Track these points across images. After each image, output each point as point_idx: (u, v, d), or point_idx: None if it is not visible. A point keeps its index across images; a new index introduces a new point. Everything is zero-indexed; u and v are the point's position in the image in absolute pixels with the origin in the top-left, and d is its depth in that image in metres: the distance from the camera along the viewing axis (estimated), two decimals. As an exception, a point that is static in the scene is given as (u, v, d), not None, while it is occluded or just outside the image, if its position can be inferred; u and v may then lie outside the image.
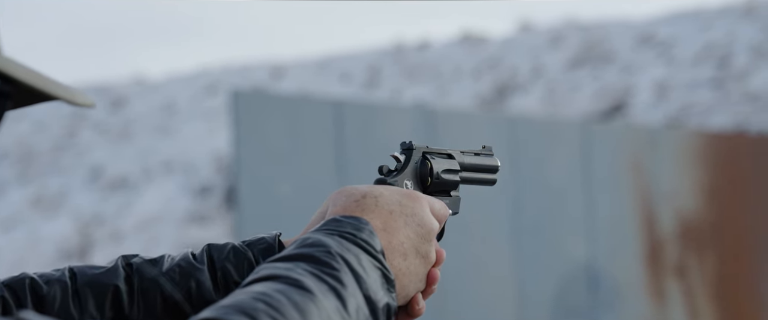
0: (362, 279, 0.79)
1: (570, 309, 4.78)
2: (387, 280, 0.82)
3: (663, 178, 5.30)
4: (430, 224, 0.89)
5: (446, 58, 18.85)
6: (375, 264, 0.82)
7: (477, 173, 1.01)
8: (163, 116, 18.30)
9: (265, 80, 19.71)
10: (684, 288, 5.36)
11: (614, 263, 5.01)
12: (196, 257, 0.94)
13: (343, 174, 3.79)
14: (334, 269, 0.78)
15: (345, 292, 0.77)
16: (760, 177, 5.87)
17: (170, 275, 0.92)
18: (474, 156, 1.01)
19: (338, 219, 0.85)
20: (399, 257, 0.86)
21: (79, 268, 0.93)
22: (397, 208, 0.88)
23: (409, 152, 0.97)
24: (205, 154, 15.50)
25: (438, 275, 0.90)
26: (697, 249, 5.44)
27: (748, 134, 7.89)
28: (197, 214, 13.64)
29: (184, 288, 0.92)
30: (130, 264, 0.94)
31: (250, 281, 0.77)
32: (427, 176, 0.96)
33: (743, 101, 13.46)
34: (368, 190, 0.90)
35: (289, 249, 0.82)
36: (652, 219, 5.24)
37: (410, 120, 4.10)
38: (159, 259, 0.94)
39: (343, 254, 0.80)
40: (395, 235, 0.86)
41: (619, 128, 6.19)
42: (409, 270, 0.87)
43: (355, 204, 0.88)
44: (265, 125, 3.59)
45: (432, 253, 0.89)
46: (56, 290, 0.91)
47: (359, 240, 0.82)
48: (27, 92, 0.71)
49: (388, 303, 0.81)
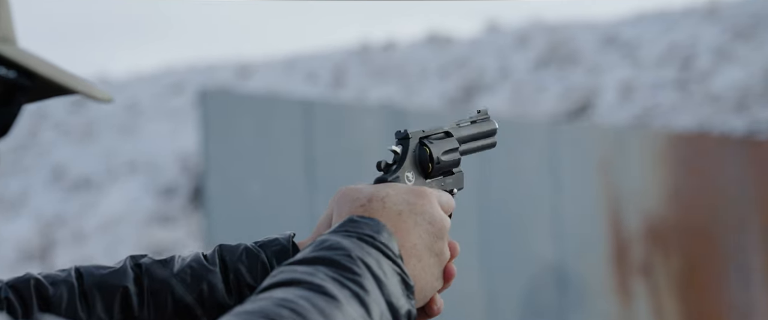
0: (384, 285, 0.76)
1: (538, 309, 4.80)
2: (406, 286, 0.79)
3: (629, 178, 5.35)
4: (442, 220, 0.85)
5: (412, 58, 18.88)
6: (395, 268, 0.78)
7: (476, 141, 0.98)
8: (126, 116, 18.10)
9: (231, 79, 19.58)
10: (650, 287, 5.41)
11: (582, 263, 5.04)
12: (207, 258, 0.91)
13: (312, 174, 3.77)
14: (355, 274, 0.75)
15: (368, 298, 0.74)
16: (724, 177, 5.95)
17: (181, 276, 0.89)
18: (471, 125, 0.97)
19: (355, 220, 0.81)
20: (413, 259, 0.83)
21: (86, 269, 0.90)
22: (405, 208, 0.84)
23: (405, 142, 0.92)
24: (170, 154, 15.36)
25: (454, 270, 0.86)
26: (662, 248, 5.49)
27: (711, 134, 7.99)
28: (161, 215, 13.51)
29: (195, 290, 0.89)
30: (139, 264, 0.90)
31: (270, 285, 0.74)
32: (428, 162, 0.92)
33: (706, 101, 13.65)
34: (373, 192, 0.85)
35: (307, 251, 0.78)
36: (618, 219, 5.27)
37: (379, 120, 4.08)
38: (169, 260, 0.91)
39: (363, 258, 0.76)
40: (407, 237, 0.83)
41: (586, 129, 6.23)
42: (425, 272, 0.83)
43: (362, 209, 0.84)
44: (233, 124, 3.55)
45: (446, 250, 0.85)
46: (63, 291, 0.88)
47: (378, 243, 0.79)
48: (45, 86, 0.68)
49: (409, 310, 0.78)
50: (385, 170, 0.91)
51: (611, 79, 15.16)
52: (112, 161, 15.49)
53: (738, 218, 5.98)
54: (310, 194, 3.73)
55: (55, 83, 0.68)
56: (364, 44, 20.76)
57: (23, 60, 0.67)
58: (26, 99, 0.69)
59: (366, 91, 17.65)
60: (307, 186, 3.72)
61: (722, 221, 5.87)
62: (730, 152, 6.04)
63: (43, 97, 0.71)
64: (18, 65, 0.67)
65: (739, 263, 5.94)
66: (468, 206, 4.45)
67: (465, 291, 4.42)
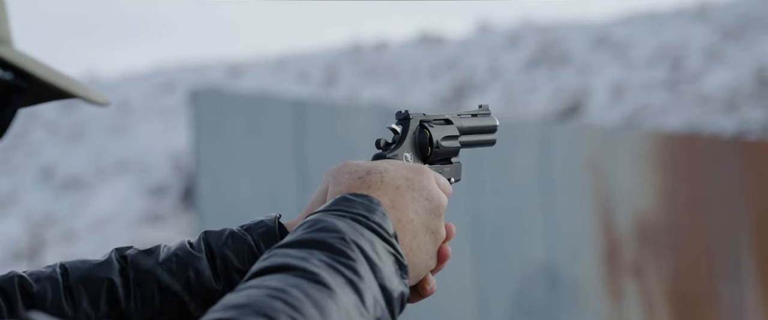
0: (378, 268, 0.74)
1: (529, 309, 4.80)
2: (400, 266, 0.77)
3: (620, 178, 5.36)
4: (439, 198, 0.84)
5: (404, 58, 18.88)
6: (389, 249, 0.77)
7: (476, 135, 0.96)
8: (117, 115, 18.05)
9: (222, 79, 19.55)
10: (641, 287, 5.42)
11: (573, 263, 5.04)
12: (193, 245, 0.89)
13: (304, 174, 3.76)
14: (350, 258, 0.73)
15: (362, 285, 0.72)
16: (714, 178, 5.96)
17: (167, 265, 0.87)
18: (471, 118, 0.96)
19: (348, 198, 0.79)
20: (409, 235, 0.81)
21: (71, 263, 0.88)
22: (403, 183, 0.82)
23: (405, 122, 0.91)
24: (161, 153, 15.32)
25: (449, 251, 0.84)
26: (653, 248, 5.51)
27: (701, 134, 8.02)
28: (152, 214, 13.47)
29: (182, 277, 0.87)
30: (124, 256, 0.88)
31: (261, 269, 0.72)
32: (427, 145, 0.91)
33: (696, 102, 13.70)
34: (372, 166, 0.84)
35: (299, 232, 0.76)
36: (609, 219, 5.28)
37: (371, 120, 4.08)
38: (154, 249, 0.89)
39: (357, 240, 0.75)
40: (404, 212, 0.81)
41: (577, 129, 6.24)
42: (420, 249, 0.82)
43: (360, 181, 0.82)
44: (224, 124, 3.54)
45: (442, 229, 0.84)
46: (47, 287, 0.86)
47: (372, 224, 0.77)
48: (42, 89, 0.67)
49: (402, 291, 0.76)
50: (384, 147, 0.90)
51: (602, 79, 15.20)
52: (102, 161, 15.44)
53: (728, 218, 6.00)
54: (301, 194, 3.73)
55: (52, 85, 0.67)
56: (355, 44, 20.76)
57: (20, 62, 0.66)
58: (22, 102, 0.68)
59: (358, 91, 17.64)
60: (299, 186, 3.71)
61: (713, 221, 5.89)
62: (721, 153, 6.06)
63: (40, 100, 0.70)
64: (14, 67, 0.66)
65: (730, 262, 5.96)
66: (459, 205, 4.45)
67: (456, 290, 4.42)
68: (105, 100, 0.70)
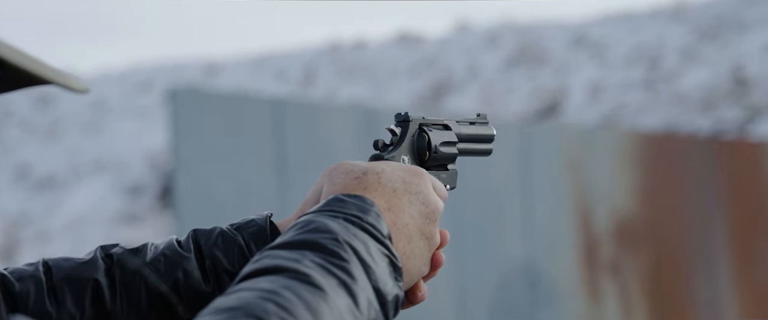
0: (371, 270, 0.73)
1: (509, 308, 4.81)
2: (395, 268, 0.75)
3: (598, 177, 5.38)
4: (435, 203, 0.83)
5: (383, 57, 18.88)
6: (383, 251, 0.75)
7: (474, 143, 0.95)
8: (93, 114, 17.91)
9: (199, 77, 19.45)
10: (618, 285, 5.45)
11: (552, 262, 5.06)
12: (181, 244, 0.86)
13: (283, 173, 3.74)
14: (343, 260, 0.71)
15: (356, 287, 0.70)
16: (690, 177, 6.00)
17: (155, 265, 0.84)
18: (469, 125, 0.95)
19: (341, 199, 0.77)
20: (404, 239, 0.79)
21: (54, 262, 0.85)
22: (400, 185, 0.81)
23: (405, 125, 0.89)
24: (138, 153, 15.22)
25: (443, 258, 0.83)
26: (631, 246, 5.53)
27: (678, 134, 8.08)
28: (129, 214, 13.38)
29: (170, 278, 0.84)
30: (109, 255, 0.85)
31: (253, 271, 0.70)
32: (425, 149, 0.89)
33: (673, 101, 13.80)
34: (369, 166, 0.82)
35: (291, 233, 0.74)
36: (588, 218, 5.30)
37: (350, 119, 4.06)
38: (141, 248, 0.86)
39: (350, 241, 0.73)
40: (400, 215, 0.79)
41: (556, 128, 6.26)
42: (414, 254, 0.80)
43: (356, 182, 0.80)
44: (203, 123, 3.51)
45: (437, 235, 0.82)
46: (30, 286, 0.83)
47: (366, 225, 0.75)
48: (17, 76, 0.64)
49: (397, 294, 0.75)
50: (382, 148, 0.88)
51: (579, 79, 15.28)
52: (77, 160, 15.31)
53: (704, 216, 6.04)
54: (280, 193, 3.71)
55: (27, 72, 0.63)
56: (334, 43, 20.73)
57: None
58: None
59: (336, 90, 17.62)
60: (277, 185, 3.69)
61: (689, 219, 5.93)
62: (697, 152, 6.10)
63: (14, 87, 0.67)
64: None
65: (706, 260, 6.01)
66: (439, 205, 4.45)
67: (436, 290, 4.42)
68: (85, 87, 0.68)
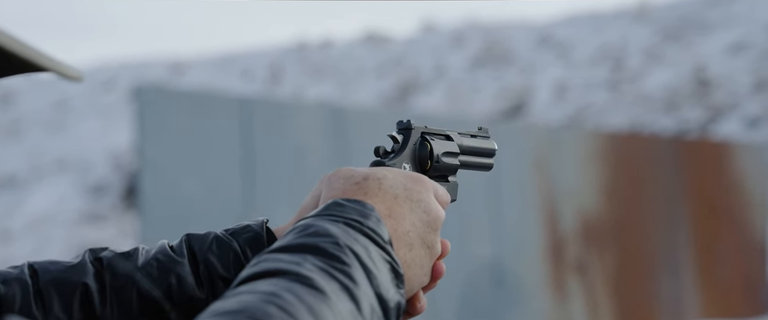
0: (373, 275, 0.70)
1: (476, 308, 4.82)
2: (396, 275, 0.73)
3: (564, 177, 5.41)
4: (437, 211, 0.80)
5: (349, 57, 18.87)
6: (384, 256, 0.72)
7: (475, 157, 0.93)
8: (55, 113, 17.67)
9: (164, 76, 19.28)
10: (585, 284, 5.48)
11: (519, 261, 5.07)
12: (174, 249, 0.84)
13: (251, 172, 3.70)
14: (344, 264, 0.69)
15: (358, 292, 0.68)
16: (654, 177, 6.07)
17: (147, 270, 0.82)
18: (471, 138, 0.93)
19: (341, 203, 0.75)
20: (404, 247, 0.77)
21: (40, 265, 0.82)
22: (402, 192, 0.78)
23: (407, 132, 0.87)
24: (101, 152, 15.05)
25: (443, 268, 0.81)
26: (597, 245, 5.57)
27: (642, 134, 8.16)
28: (92, 214, 13.22)
29: (163, 284, 0.81)
30: (99, 258, 0.82)
31: (251, 275, 0.67)
32: (427, 159, 0.87)
33: (637, 101, 13.95)
34: (370, 172, 0.80)
35: (289, 237, 0.72)
36: (554, 217, 5.33)
37: (318, 118, 4.04)
38: (132, 252, 0.83)
39: (351, 245, 0.70)
40: (401, 223, 0.77)
41: (522, 128, 6.28)
42: (415, 262, 0.78)
43: (356, 187, 0.78)
44: (169, 121, 3.47)
45: (438, 244, 0.80)
46: (15, 290, 0.80)
47: (366, 229, 0.73)
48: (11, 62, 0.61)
49: (399, 301, 0.72)
50: (383, 155, 0.87)
51: (545, 78, 15.39)
52: (39, 159, 15.09)
53: (668, 216, 6.11)
54: (247, 192, 3.67)
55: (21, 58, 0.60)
56: (300, 42, 20.67)
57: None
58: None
59: (303, 89, 17.57)
60: (245, 184, 3.65)
61: (653, 218, 5.99)
62: (661, 152, 6.16)
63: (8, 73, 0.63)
64: None
65: (670, 259, 6.07)
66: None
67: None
68: (79, 75, 0.65)
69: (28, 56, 0.60)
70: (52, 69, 0.62)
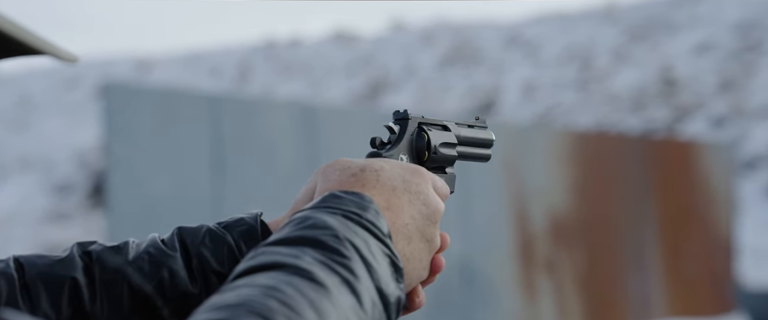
0: (374, 269, 0.68)
1: (445, 306, 4.82)
2: (396, 269, 0.71)
3: (534, 175, 5.43)
4: (436, 203, 0.78)
5: (319, 55, 18.82)
6: (384, 249, 0.70)
7: (473, 147, 0.91)
8: (18, 111, 17.41)
9: (130, 73, 19.08)
10: (554, 283, 5.51)
11: (488, 259, 5.08)
12: (166, 242, 0.81)
13: (221, 171, 3.66)
14: (344, 257, 0.67)
15: (359, 286, 0.66)
16: (622, 175, 6.11)
17: (138, 264, 0.79)
18: (468, 128, 0.91)
19: (338, 195, 0.73)
20: (403, 240, 0.74)
21: (27, 258, 0.79)
22: (400, 184, 0.76)
23: (404, 122, 0.85)
24: (65, 150, 14.86)
25: (443, 262, 0.78)
26: (566, 244, 5.60)
27: (609, 133, 8.22)
28: (56, 213, 13.05)
29: (155, 278, 0.78)
30: (87, 252, 0.80)
31: (249, 268, 0.65)
32: (424, 150, 0.85)
33: (604, 101, 14.07)
34: (367, 163, 0.77)
35: (286, 230, 0.69)
36: (524, 216, 5.35)
37: (288, 116, 4.01)
38: (122, 246, 0.80)
39: (351, 238, 0.68)
40: (399, 215, 0.75)
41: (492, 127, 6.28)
42: (414, 256, 0.75)
43: (353, 179, 0.76)
44: (138, 119, 3.42)
45: (437, 237, 0.78)
46: (2, 284, 0.77)
47: (365, 222, 0.71)
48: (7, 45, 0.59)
49: (399, 296, 0.70)
50: (380, 146, 0.84)
51: (514, 78, 15.47)
52: (2, 158, 14.87)
53: (635, 214, 6.16)
54: (217, 191, 3.63)
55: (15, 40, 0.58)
56: (269, 41, 20.58)
57: None
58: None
59: (272, 87, 17.48)
60: (214, 183, 3.61)
61: (621, 217, 6.03)
62: (628, 151, 6.21)
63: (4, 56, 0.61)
64: None
65: (637, 257, 6.12)
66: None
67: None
68: (74, 57, 0.62)
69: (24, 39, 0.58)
70: (48, 52, 0.60)
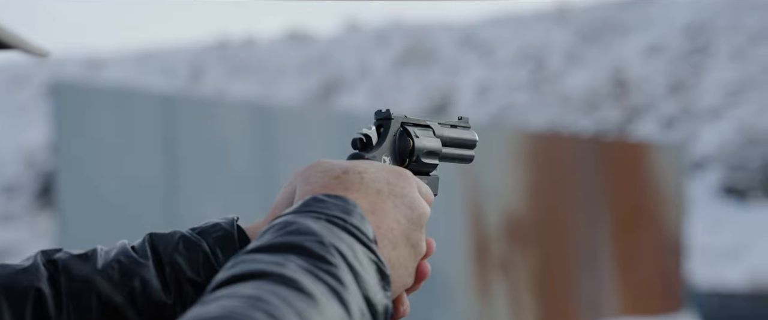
0: (361, 277, 0.65)
1: (403, 307, 4.80)
2: (383, 276, 0.67)
3: (489, 176, 5.44)
4: (421, 207, 0.75)
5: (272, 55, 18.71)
6: (370, 256, 0.67)
7: (456, 148, 0.87)
8: (-37, 110, 17.02)
9: (80, 72, 18.75)
10: (508, 283, 5.53)
11: (444, 260, 5.08)
12: (136, 250, 0.77)
13: (174, 171, 3.60)
14: (330, 264, 0.63)
15: (347, 295, 0.62)
16: (575, 176, 6.16)
17: (108, 273, 0.75)
18: (451, 129, 0.88)
19: (321, 199, 0.69)
20: (388, 245, 0.71)
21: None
22: (385, 187, 0.73)
23: (386, 122, 0.82)
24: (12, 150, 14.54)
25: (428, 268, 0.75)
26: (520, 244, 5.63)
27: (562, 133, 8.29)
28: (2, 214, 12.76)
29: (125, 289, 0.75)
30: (53, 261, 0.76)
31: (230, 278, 0.61)
32: (408, 151, 0.82)
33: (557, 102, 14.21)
34: (350, 165, 0.74)
35: (267, 236, 0.66)
36: (479, 217, 5.36)
37: (243, 116, 3.96)
38: (90, 254, 0.76)
39: (336, 244, 0.65)
40: (384, 219, 0.72)
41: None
42: (399, 262, 0.72)
43: (336, 181, 0.72)
44: (88, 119, 3.34)
45: (422, 243, 0.75)
46: None
47: (350, 227, 0.67)
48: None
49: (386, 305, 0.66)
50: (362, 147, 0.81)
51: (468, 78, 15.55)
52: (-53, 158, 14.50)
53: (588, 214, 6.21)
54: (170, 192, 3.57)
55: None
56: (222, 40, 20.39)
57: None
58: None
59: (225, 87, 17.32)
60: (168, 184, 3.55)
61: (574, 217, 6.08)
62: (581, 151, 6.27)
63: None
64: None
65: (589, 257, 6.18)
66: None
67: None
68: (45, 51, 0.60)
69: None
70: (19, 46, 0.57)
